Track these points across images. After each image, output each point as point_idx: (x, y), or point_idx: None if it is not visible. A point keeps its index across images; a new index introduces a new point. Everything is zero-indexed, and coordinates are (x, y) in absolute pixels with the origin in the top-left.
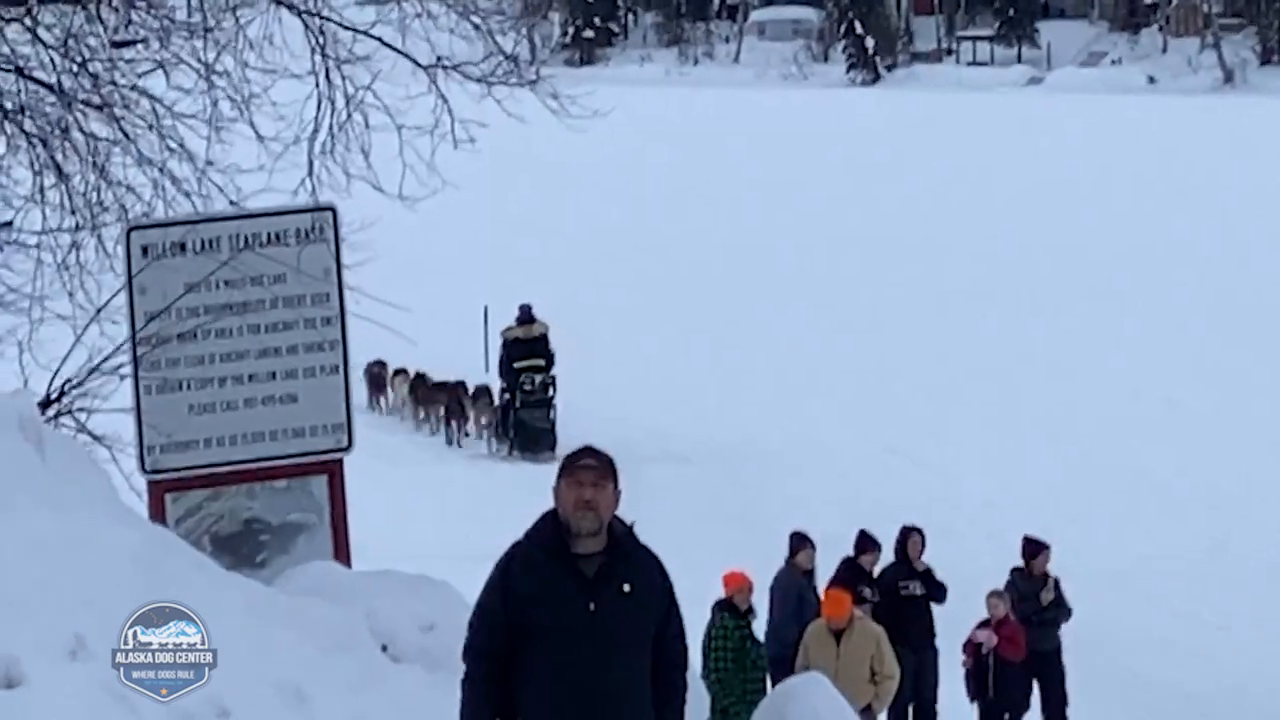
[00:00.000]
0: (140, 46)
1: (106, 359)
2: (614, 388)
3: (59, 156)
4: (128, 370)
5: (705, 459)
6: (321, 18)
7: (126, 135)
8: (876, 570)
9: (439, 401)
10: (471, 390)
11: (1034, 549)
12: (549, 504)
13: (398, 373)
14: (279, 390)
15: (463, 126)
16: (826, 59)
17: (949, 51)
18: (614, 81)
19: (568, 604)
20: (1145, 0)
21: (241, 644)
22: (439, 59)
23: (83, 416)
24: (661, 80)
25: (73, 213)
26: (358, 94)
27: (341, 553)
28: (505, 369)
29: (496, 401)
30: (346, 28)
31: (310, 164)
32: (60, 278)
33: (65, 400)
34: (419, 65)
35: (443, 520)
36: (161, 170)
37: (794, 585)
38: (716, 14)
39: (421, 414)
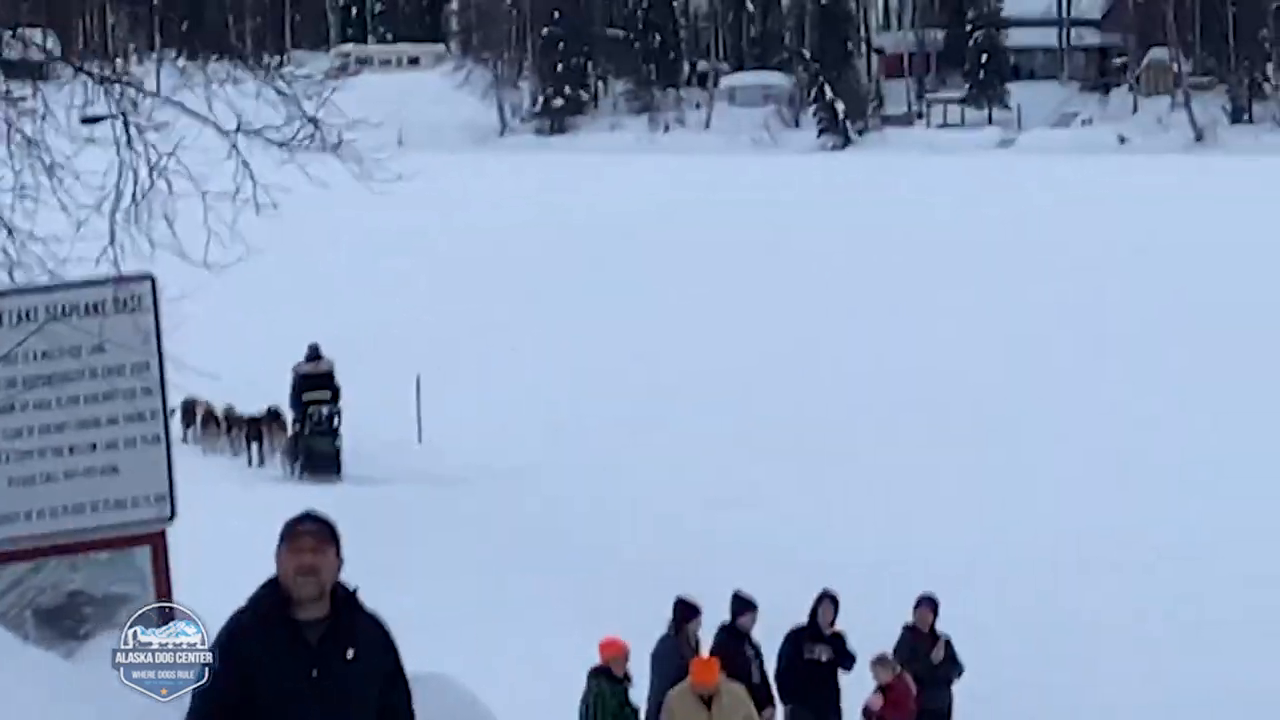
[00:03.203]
0: None
1: None
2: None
3: None
4: None
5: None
6: (123, 83)
7: None
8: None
9: (241, 428)
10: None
11: (917, 604)
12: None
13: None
14: (99, 461)
15: (264, 191)
16: (798, 124)
17: (919, 115)
18: (584, 150)
19: (291, 672)
20: (1115, 61)
21: None
22: (239, 123)
23: None
24: (632, 148)
25: None
26: (160, 160)
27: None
28: (295, 401)
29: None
30: (149, 94)
31: (112, 232)
32: None
33: None
34: (220, 130)
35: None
36: None
37: (679, 656)
38: (687, 81)
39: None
